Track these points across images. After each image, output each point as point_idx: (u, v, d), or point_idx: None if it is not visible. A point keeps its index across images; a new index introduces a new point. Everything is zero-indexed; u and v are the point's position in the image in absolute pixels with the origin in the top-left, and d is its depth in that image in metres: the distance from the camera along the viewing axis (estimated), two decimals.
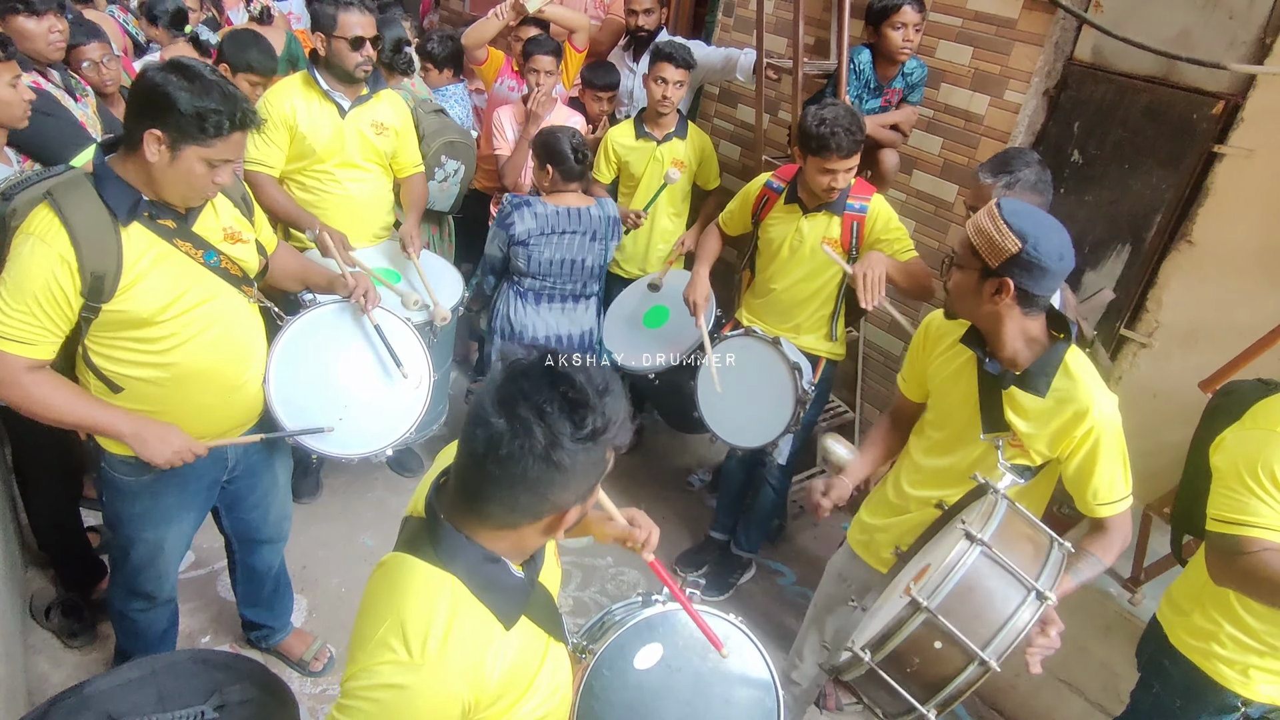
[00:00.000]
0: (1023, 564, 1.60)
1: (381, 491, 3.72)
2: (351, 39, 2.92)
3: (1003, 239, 1.72)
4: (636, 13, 3.97)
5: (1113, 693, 2.71)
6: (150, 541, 2.20)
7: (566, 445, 1.12)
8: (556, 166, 3.09)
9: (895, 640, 1.57)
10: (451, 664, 1.16)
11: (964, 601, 1.55)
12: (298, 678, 2.82)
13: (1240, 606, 1.89)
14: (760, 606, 3.46)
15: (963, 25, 3.30)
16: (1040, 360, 1.84)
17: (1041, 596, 1.57)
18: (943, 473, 2.08)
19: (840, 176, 2.71)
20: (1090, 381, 1.83)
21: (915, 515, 2.13)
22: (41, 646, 2.76)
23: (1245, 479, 1.76)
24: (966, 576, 1.55)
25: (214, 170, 1.83)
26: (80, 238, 1.76)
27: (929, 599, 1.54)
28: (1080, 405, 1.81)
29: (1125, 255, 3.05)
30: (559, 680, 1.45)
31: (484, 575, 1.24)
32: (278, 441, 2.40)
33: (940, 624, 1.53)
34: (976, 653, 1.53)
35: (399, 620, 1.17)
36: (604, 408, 1.15)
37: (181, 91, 1.75)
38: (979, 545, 1.57)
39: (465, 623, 1.20)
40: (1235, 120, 2.69)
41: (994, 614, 1.55)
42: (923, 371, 2.14)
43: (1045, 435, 1.88)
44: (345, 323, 2.50)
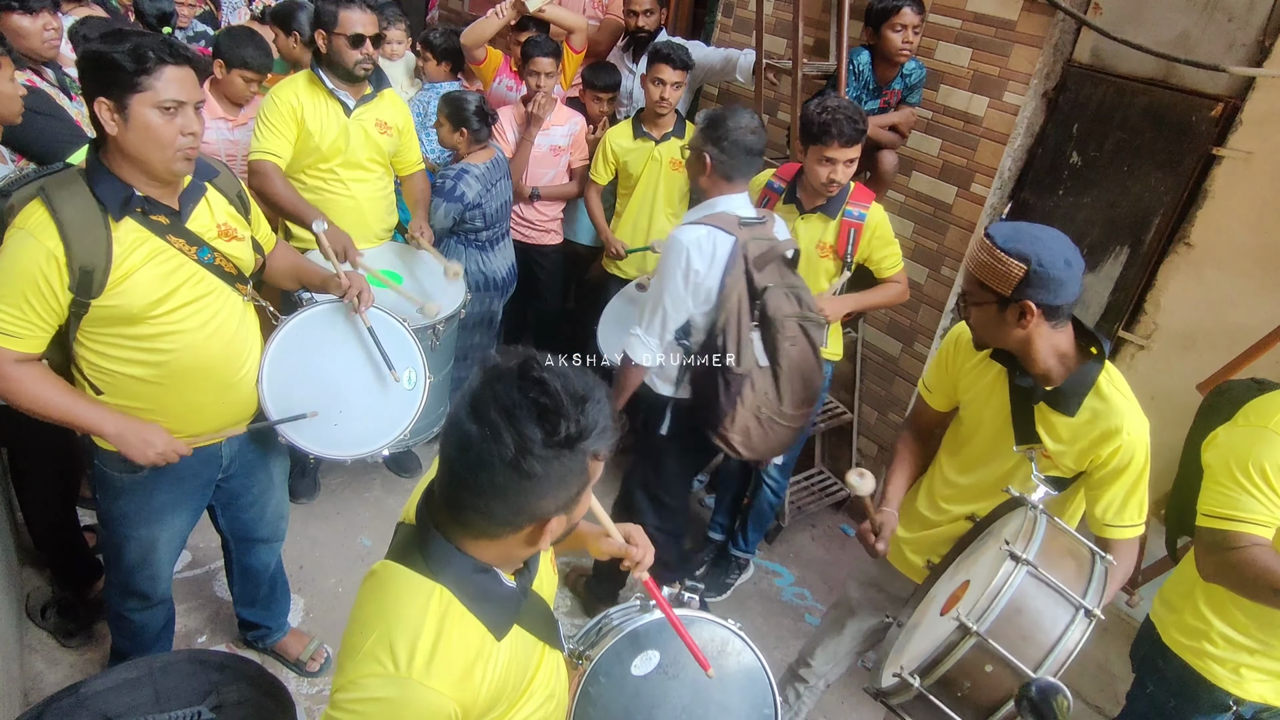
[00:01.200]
0: (1068, 581, 1.57)
1: (379, 492, 3.71)
2: (351, 36, 2.91)
3: (1006, 267, 1.71)
4: (636, 13, 3.97)
5: (1110, 694, 2.71)
6: (143, 540, 2.20)
7: (536, 452, 1.09)
8: (470, 130, 3.37)
9: (945, 665, 1.54)
10: (439, 677, 1.15)
11: (1012, 624, 1.53)
12: (294, 678, 2.82)
13: (1232, 605, 1.90)
14: (758, 607, 3.46)
15: (962, 27, 3.30)
16: (1072, 380, 1.82)
17: (1090, 615, 1.54)
18: (974, 486, 2.06)
19: (839, 168, 2.68)
20: (1123, 404, 1.80)
21: (947, 529, 2.11)
22: (37, 646, 2.75)
23: (1236, 475, 1.77)
24: (1014, 598, 1.53)
25: (172, 117, 1.78)
26: (69, 232, 1.76)
27: (978, 623, 1.51)
28: (1110, 426, 1.79)
29: (1124, 257, 3.05)
30: (555, 687, 1.45)
31: (474, 585, 1.22)
32: (273, 440, 2.40)
33: (991, 647, 1.51)
34: (1029, 675, 1.49)
35: (387, 632, 1.16)
36: (579, 414, 1.11)
37: (98, 47, 1.75)
38: (1025, 565, 1.55)
39: (454, 634, 1.19)
40: (1234, 123, 2.69)
41: (1044, 635, 1.53)
42: (952, 383, 2.11)
43: (1073, 453, 1.85)
44: (341, 323, 2.50)
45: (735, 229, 2.45)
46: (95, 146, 1.85)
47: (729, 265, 2.42)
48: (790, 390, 2.53)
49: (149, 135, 1.78)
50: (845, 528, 4.03)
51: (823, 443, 4.15)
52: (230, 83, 3.34)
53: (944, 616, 1.70)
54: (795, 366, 2.52)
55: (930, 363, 2.22)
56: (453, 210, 3.37)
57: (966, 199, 3.39)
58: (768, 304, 2.44)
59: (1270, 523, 1.73)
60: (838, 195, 2.83)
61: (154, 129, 1.77)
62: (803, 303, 2.52)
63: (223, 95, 3.39)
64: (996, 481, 1.97)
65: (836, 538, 3.98)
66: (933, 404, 2.19)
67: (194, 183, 1.98)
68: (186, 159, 1.85)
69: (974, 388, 2.03)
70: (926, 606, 1.90)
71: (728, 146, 2.47)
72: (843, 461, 4.08)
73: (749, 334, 2.46)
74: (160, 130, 1.78)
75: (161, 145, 1.79)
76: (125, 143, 1.79)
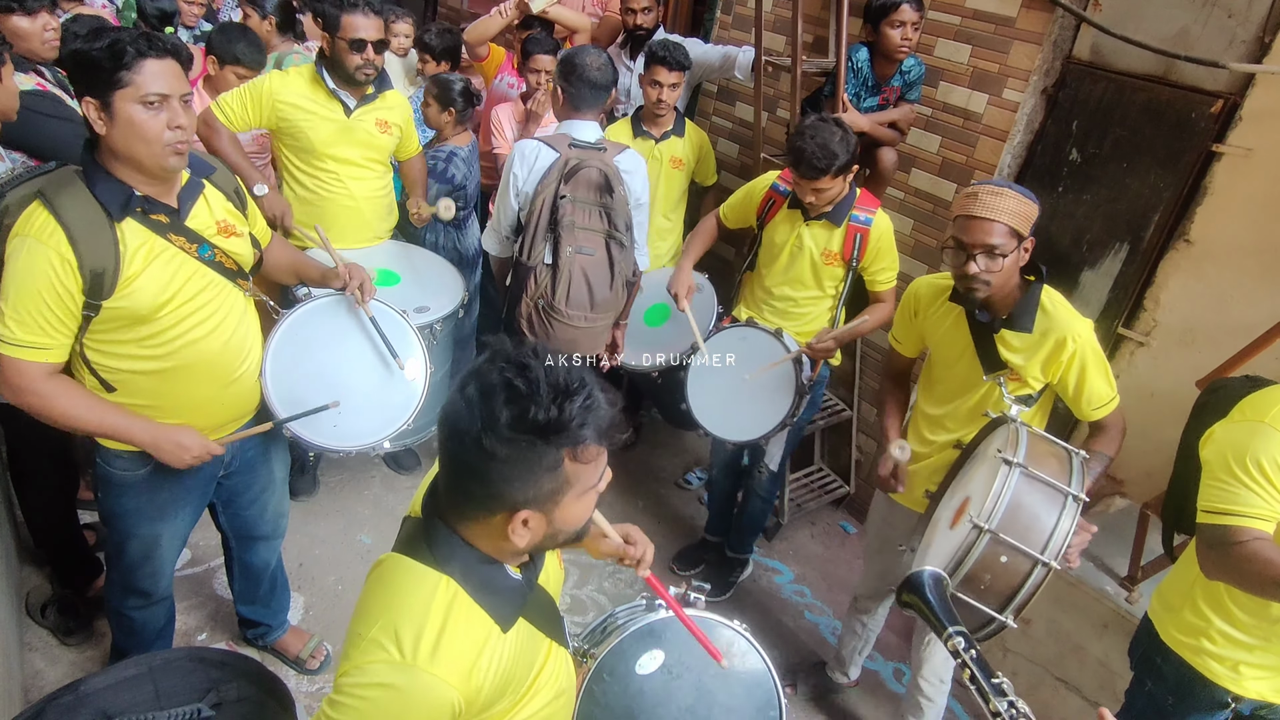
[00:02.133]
0: (1055, 475, 1.85)
1: (379, 489, 3.71)
2: (353, 41, 2.91)
3: (1030, 209, 2.04)
4: (634, 11, 3.96)
5: (1109, 690, 2.71)
6: (146, 537, 2.20)
7: (500, 433, 1.09)
8: (456, 110, 3.58)
9: (968, 564, 1.77)
10: (443, 666, 1.15)
11: (1016, 517, 1.78)
12: (294, 675, 2.82)
13: (1230, 602, 1.90)
14: (759, 605, 3.46)
15: (961, 23, 3.30)
16: (1022, 302, 2.14)
17: (1077, 499, 1.82)
18: (953, 416, 2.36)
19: (814, 194, 2.73)
20: (1064, 313, 2.14)
21: (937, 458, 2.39)
22: (37, 644, 2.75)
23: (1234, 469, 1.77)
24: (1014, 495, 1.79)
25: (157, 111, 1.76)
26: (77, 236, 1.75)
27: (988, 521, 1.76)
28: (1060, 333, 2.11)
29: (1123, 254, 3.05)
30: (562, 684, 1.45)
31: (480, 577, 1.23)
32: (275, 437, 2.40)
33: (1003, 539, 1.76)
34: (1038, 558, 1.75)
35: (392, 620, 1.17)
36: (553, 405, 1.10)
37: (79, 46, 1.74)
38: (1018, 467, 1.82)
39: (459, 625, 1.19)
40: (1234, 119, 2.69)
41: (1043, 522, 1.79)
42: (918, 331, 2.43)
43: (1037, 363, 2.16)
44: (341, 315, 2.50)
45: (564, 148, 2.80)
46: (90, 147, 1.84)
47: (544, 175, 2.79)
48: (567, 291, 2.84)
49: (135, 131, 1.76)
50: (844, 525, 4.03)
51: (822, 440, 4.15)
52: (223, 79, 3.33)
53: (953, 530, 1.95)
54: (580, 270, 2.84)
55: (896, 317, 2.54)
56: (443, 191, 3.56)
57: None
58: (561, 211, 2.77)
59: (1270, 516, 1.73)
60: (843, 202, 2.83)
61: (139, 124, 1.75)
62: (613, 222, 2.85)
63: (216, 92, 3.39)
64: (973, 409, 2.29)
65: (836, 535, 3.98)
66: (903, 352, 2.55)
67: (191, 180, 1.98)
68: (177, 153, 1.83)
69: (937, 330, 2.34)
70: (934, 529, 2.15)
71: (575, 81, 2.81)
72: (842, 459, 4.09)
73: (544, 235, 2.82)
74: (146, 125, 1.76)
75: (148, 141, 1.77)
76: (114, 141, 1.77)
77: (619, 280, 2.92)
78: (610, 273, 2.89)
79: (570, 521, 1.22)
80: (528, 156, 2.82)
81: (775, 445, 3.18)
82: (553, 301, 2.84)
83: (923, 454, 2.44)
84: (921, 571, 1.63)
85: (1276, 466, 1.73)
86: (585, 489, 1.20)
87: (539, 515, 1.18)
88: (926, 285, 2.39)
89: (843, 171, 2.68)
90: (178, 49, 1.82)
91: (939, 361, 2.39)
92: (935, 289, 2.35)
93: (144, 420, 1.96)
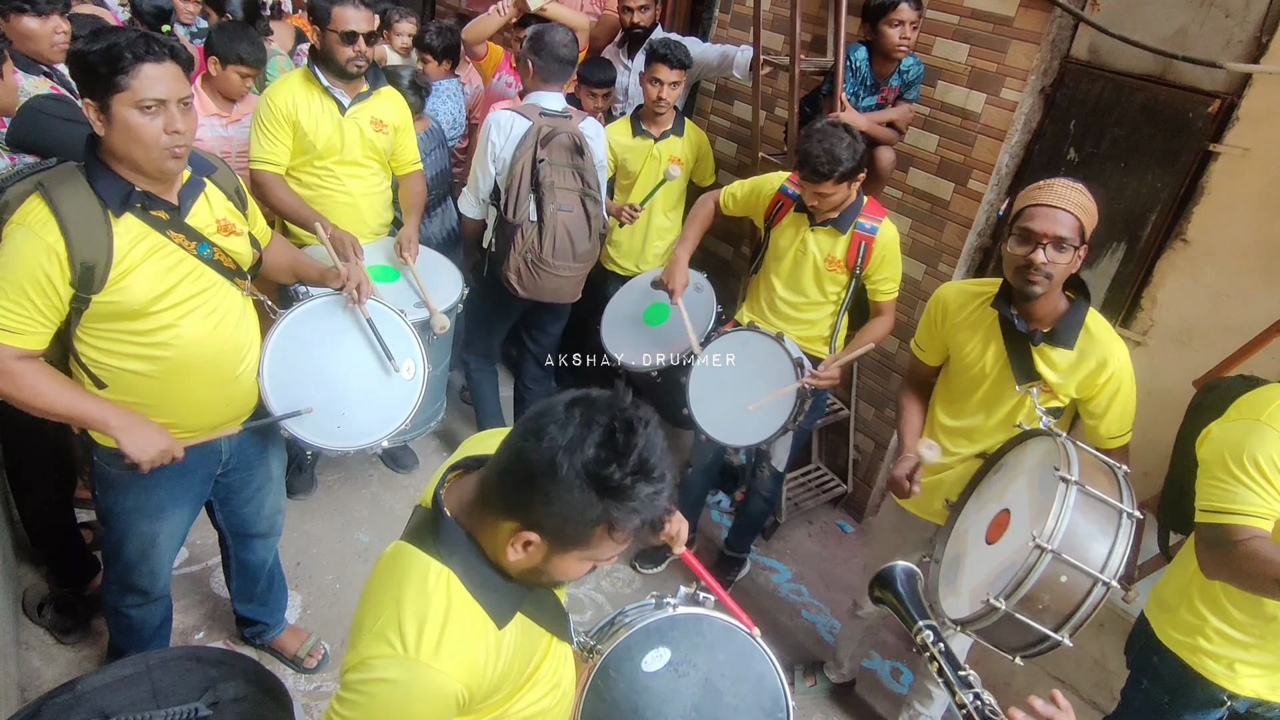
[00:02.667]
0: (1108, 491, 1.84)
1: (376, 488, 3.71)
2: (344, 33, 2.89)
3: (1095, 211, 2.03)
4: (631, 10, 3.96)
5: (1105, 689, 2.72)
6: (144, 536, 2.20)
7: (574, 462, 1.09)
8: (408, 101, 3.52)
9: (1028, 584, 1.76)
10: (446, 659, 1.17)
11: (1076, 536, 1.77)
12: (292, 674, 2.82)
13: (1226, 601, 1.91)
14: (756, 604, 3.47)
15: (960, 23, 3.30)
16: (1066, 319, 2.11)
17: (1131, 517, 1.81)
18: (980, 428, 2.31)
19: (819, 199, 2.73)
20: (1106, 334, 2.12)
21: (958, 469, 2.35)
22: (34, 643, 2.75)
23: (1231, 468, 1.77)
24: (1074, 514, 1.77)
25: (154, 116, 1.76)
26: (70, 228, 1.75)
27: (1049, 541, 1.74)
28: (1101, 356, 2.09)
29: (1120, 253, 3.06)
30: (561, 678, 1.46)
31: (480, 574, 1.24)
32: (272, 436, 2.40)
33: (1065, 559, 1.74)
34: (1098, 576, 1.74)
35: (397, 613, 1.19)
36: (630, 475, 1.10)
37: (78, 48, 1.74)
38: (1074, 485, 1.80)
39: (461, 619, 1.21)
40: (1231, 119, 2.69)
41: (1101, 541, 1.78)
42: (943, 340, 2.36)
43: (1074, 382, 2.14)
44: (339, 315, 2.50)
45: (536, 117, 3.13)
46: (93, 143, 1.84)
47: (520, 141, 3.08)
48: (553, 244, 3.18)
49: (131, 135, 1.76)
50: (842, 524, 4.04)
51: (820, 439, 4.15)
52: (225, 79, 3.32)
53: (994, 545, 1.97)
54: (562, 225, 3.18)
55: (921, 325, 2.45)
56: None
57: (964, 195, 3.39)
58: (541, 173, 3.10)
59: (1268, 514, 1.73)
60: (849, 209, 2.83)
61: (135, 129, 1.76)
62: (585, 181, 3.21)
63: (216, 92, 3.38)
64: (1002, 419, 2.26)
65: (833, 534, 3.98)
66: (926, 360, 2.46)
67: (193, 178, 1.98)
68: (175, 157, 1.83)
69: (970, 340, 2.27)
70: (960, 540, 2.14)
71: (545, 55, 3.15)
72: (840, 458, 4.09)
73: (527, 195, 3.14)
74: (142, 130, 1.76)
75: (145, 145, 1.78)
76: (112, 143, 1.79)
77: (595, 233, 3.30)
78: (588, 226, 3.26)
79: (562, 572, 1.24)
80: (504, 125, 3.11)
81: (781, 447, 3.17)
82: (540, 255, 3.18)
83: (944, 465, 2.37)
84: (894, 566, 1.64)
85: (1273, 464, 1.73)
86: (593, 558, 1.21)
87: (542, 547, 1.18)
88: (956, 292, 2.34)
89: (847, 178, 2.67)
90: (176, 51, 1.81)
91: (963, 370, 2.32)
92: (965, 295, 2.30)
93: (117, 407, 1.94)
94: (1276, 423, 1.76)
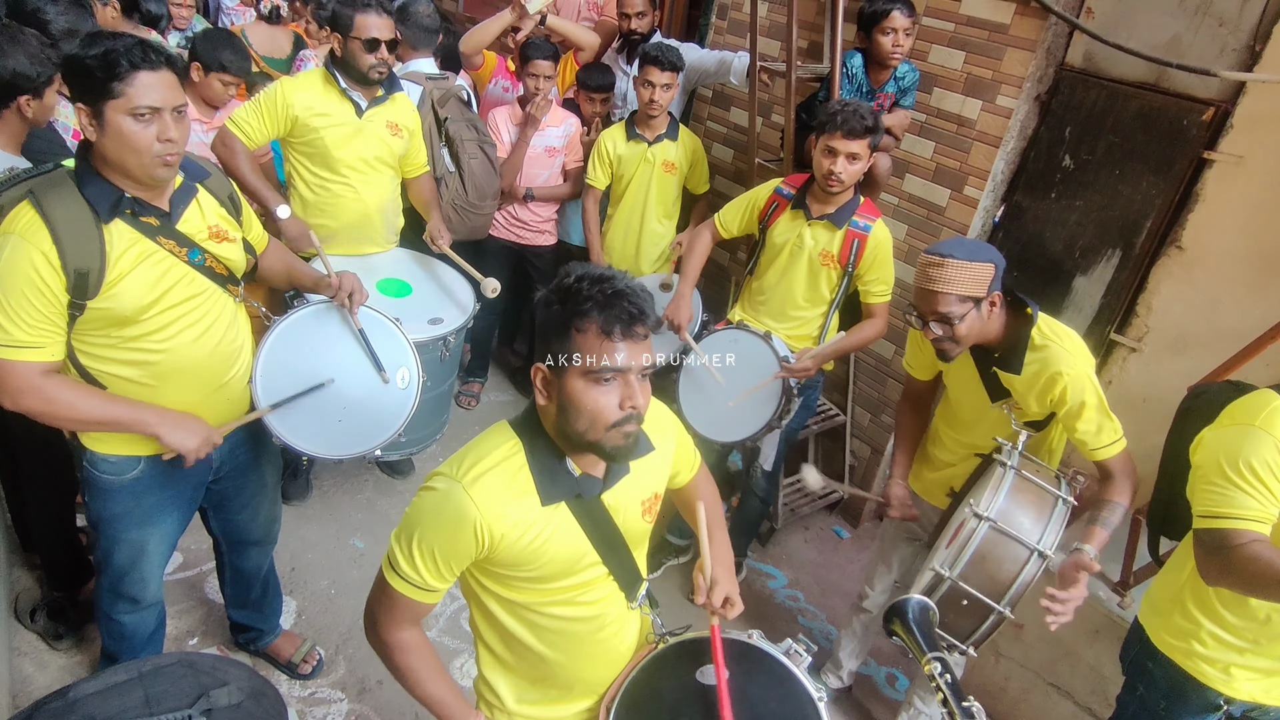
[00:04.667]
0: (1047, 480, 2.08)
1: (372, 493, 3.70)
2: (366, 40, 2.92)
3: (981, 271, 2.07)
4: (629, 15, 3.97)
5: (1101, 695, 2.72)
6: (133, 543, 2.18)
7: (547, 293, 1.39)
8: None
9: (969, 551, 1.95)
10: (477, 491, 1.40)
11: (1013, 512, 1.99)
12: (286, 680, 2.80)
13: (1219, 605, 1.91)
14: (752, 609, 3.46)
15: (955, 30, 3.31)
16: (1009, 341, 2.18)
17: (1066, 502, 2.03)
18: (973, 443, 2.42)
19: (840, 161, 2.73)
20: (1055, 349, 2.13)
21: (961, 466, 2.46)
22: (26, 649, 2.73)
23: (1227, 473, 1.78)
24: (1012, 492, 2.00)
25: (147, 123, 1.76)
26: (62, 235, 1.74)
27: (987, 511, 1.95)
28: (1051, 372, 2.12)
29: (1115, 260, 3.07)
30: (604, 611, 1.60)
31: (542, 456, 1.46)
32: (265, 442, 2.39)
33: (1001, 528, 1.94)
34: (1034, 546, 1.94)
35: (464, 453, 1.47)
36: (579, 282, 1.35)
37: (73, 51, 1.73)
38: (1012, 469, 2.04)
39: (507, 473, 1.43)
40: (1225, 127, 2.71)
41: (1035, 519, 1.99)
42: (929, 357, 2.44)
43: (1033, 399, 2.20)
44: (334, 322, 2.49)
45: (423, 81, 3.57)
46: (84, 149, 1.83)
47: (418, 105, 3.42)
48: (473, 186, 3.67)
49: (124, 142, 1.75)
50: (838, 529, 4.03)
51: (816, 445, 4.15)
52: (207, 86, 3.32)
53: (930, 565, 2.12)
54: (474, 172, 3.65)
55: (907, 344, 2.56)
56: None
57: (960, 201, 3.40)
58: (449, 129, 3.59)
59: (1266, 518, 1.74)
60: (846, 205, 2.84)
61: (128, 136, 1.75)
62: (478, 130, 3.68)
63: (199, 98, 3.37)
64: (988, 432, 2.34)
65: (829, 540, 3.98)
66: (919, 376, 2.57)
67: (185, 184, 1.97)
68: (166, 165, 1.82)
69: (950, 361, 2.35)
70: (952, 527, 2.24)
71: (411, 25, 3.61)
72: (836, 464, 4.09)
73: (439, 150, 3.60)
74: (135, 137, 1.75)
75: (137, 152, 1.77)
76: (103, 149, 1.78)
77: (495, 174, 3.76)
78: (492, 168, 3.72)
79: (578, 401, 1.37)
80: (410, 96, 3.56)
81: (768, 445, 3.20)
82: (468, 198, 3.67)
83: (947, 462, 2.51)
84: (908, 599, 1.73)
85: (1268, 468, 1.74)
86: (589, 371, 1.34)
87: (550, 378, 1.40)
88: None
89: (875, 142, 2.75)
90: (173, 60, 1.81)
91: (952, 388, 2.45)
92: None
93: (148, 405, 1.94)
94: (1271, 427, 1.76)
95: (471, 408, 4.38)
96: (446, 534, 1.41)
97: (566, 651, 1.60)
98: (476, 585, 1.56)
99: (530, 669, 1.64)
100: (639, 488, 1.58)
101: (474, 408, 4.39)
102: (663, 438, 1.64)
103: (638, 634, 1.75)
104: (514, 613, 1.56)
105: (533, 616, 1.56)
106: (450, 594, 3.16)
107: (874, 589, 2.88)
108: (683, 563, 3.58)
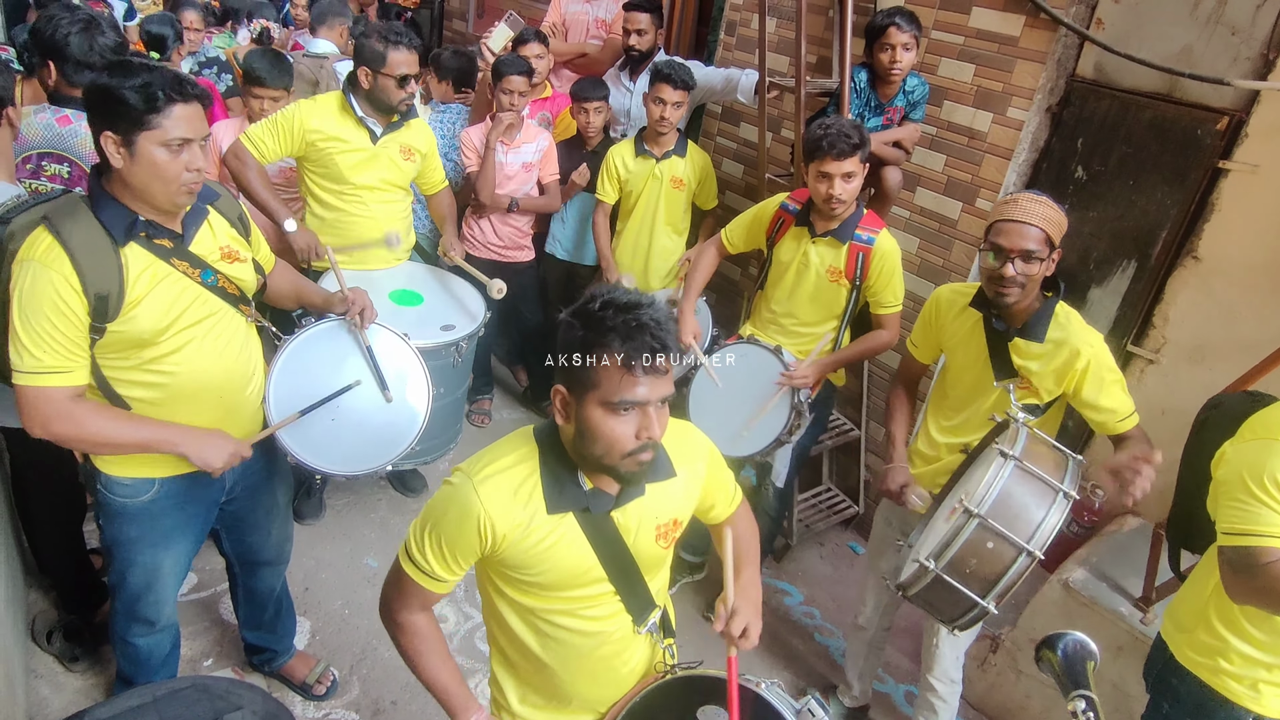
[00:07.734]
0: (1049, 471, 1.93)
1: (385, 512, 3.70)
2: (399, 77, 2.98)
3: (1063, 221, 2.14)
4: (631, 33, 4.01)
5: (1125, 714, 2.67)
6: (147, 565, 2.18)
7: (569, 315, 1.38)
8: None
9: (954, 547, 1.88)
10: (485, 489, 1.45)
11: (1006, 506, 1.87)
12: (300, 701, 2.79)
13: (1245, 621, 1.87)
14: (768, 626, 3.39)
15: (964, 43, 3.31)
16: (1038, 314, 2.20)
17: (1068, 496, 1.90)
18: (964, 424, 2.41)
19: (836, 183, 2.70)
20: (1077, 325, 2.20)
21: (945, 461, 2.44)
22: (43, 671, 2.74)
23: (1252, 489, 1.74)
24: (1006, 485, 1.88)
25: (176, 155, 1.79)
26: (81, 260, 1.75)
27: (978, 507, 1.86)
28: (1074, 345, 2.17)
29: (1131, 271, 3.04)
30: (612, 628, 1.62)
31: (555, 464, 1.48)
32: (277, 462, 2.39)
33: (991, 526, 1.85)
34: (1023, 546, 1.85)
35: (484, 451, 1.53)
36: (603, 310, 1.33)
37: (108, 81, 1.75)
38: (1012, 460, 1.91)
39: (516, 478, 1.47)
40: (1240, 136, 2.69)
41: (1031, 516, 1.88)
42: (936, 338, 2.47)
43: (1050, 373, 2.21)
44: (344, 340, 2.50)
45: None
46: (98, 173, 1.85)
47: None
48: None
49: (155, 172, 1.79)
50: (853, 545, 4.00)
51: (830, 460, 4.13)
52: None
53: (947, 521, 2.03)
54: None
55: (916, 324, 2.55)
56: None
57: (971, 214, 3.39)
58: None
59: None
60: (849, 220, 2.83)
61: (160, 166, 1.79)
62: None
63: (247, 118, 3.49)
64: (983, 414, 2.33)
65: (845, 556, 3.95)
66: (919, 358, 2.58)
67: (196, 206, 1.99)
68: (190, 192, 1.86)
69: (955, 337, 2.40)
70: (931, 527, 2.23)
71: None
72: (851, 478, 4.06)
73: None
74: (166, 167, 1.79)
75: (166, 181, 1.81)
76: (130, 176, 1.80)
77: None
78: None
79: (595, 429, 1.37)
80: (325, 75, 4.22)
81: (780, 462, 3.18)
82: None
83: (931, 456, 2.49)
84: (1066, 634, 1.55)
85: None
86: (607, 401, 1.34)
87: (569, 398, 1.40)
88: (949, 292, 2.45)
89: (866, 157, 2.74)
90: (203, 95, 1.86)
91: (952, 367, 2.43)
92: (956, 295, 2.41)
93: (174, 425, 1.96)
94: None
95: (485, 425, 4.38)
96: (453, 526, 1.47)
97: (565, 662, 1.63)
98: (490, 584, 1.60)
99: (533, 673, 1.68)
100: (655, 511, 1.57)
101: (487, 425, 4.40)
102: (691, 465, 1.62)
103: (645, 660, 1.74)
104: (521, 615, 1.60)
105: (537, 622, 1.59)
106: (465, 614, 3.15)
107: (867, 605, 2.83)
108: (697, 580, 3.56)
